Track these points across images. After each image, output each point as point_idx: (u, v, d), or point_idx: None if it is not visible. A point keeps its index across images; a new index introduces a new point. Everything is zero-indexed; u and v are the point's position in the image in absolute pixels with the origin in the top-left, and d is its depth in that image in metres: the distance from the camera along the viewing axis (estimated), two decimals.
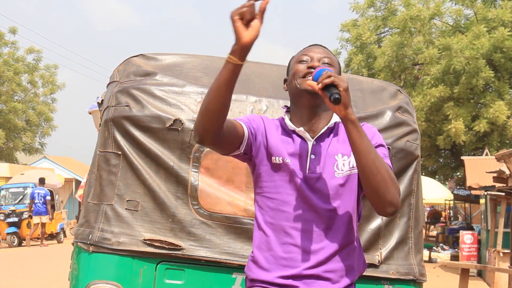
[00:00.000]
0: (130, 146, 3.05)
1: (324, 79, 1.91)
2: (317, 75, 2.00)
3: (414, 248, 3.15)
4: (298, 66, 2.16)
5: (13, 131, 29.91)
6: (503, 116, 16.73)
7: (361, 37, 20.34)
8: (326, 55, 2.18)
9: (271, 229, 2.09)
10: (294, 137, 2.13)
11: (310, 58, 2.16)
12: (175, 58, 3.34)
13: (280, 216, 2.08)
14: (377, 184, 1.96)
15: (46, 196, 18.20)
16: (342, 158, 2.10)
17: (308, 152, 2.10)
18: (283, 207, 2.08)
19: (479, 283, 12.89)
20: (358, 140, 1.95)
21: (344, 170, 2.09)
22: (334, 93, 1.90)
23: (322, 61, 2.15)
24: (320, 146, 2.12)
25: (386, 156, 2.11)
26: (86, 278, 2.95)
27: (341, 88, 1.91)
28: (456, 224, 21.42)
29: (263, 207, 2.13)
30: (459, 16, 19.25)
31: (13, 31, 30.45)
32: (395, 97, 3.36)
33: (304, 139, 2.12)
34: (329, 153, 2.11)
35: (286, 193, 2.08)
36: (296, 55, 2.25)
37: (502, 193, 11.79)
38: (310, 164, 2.09)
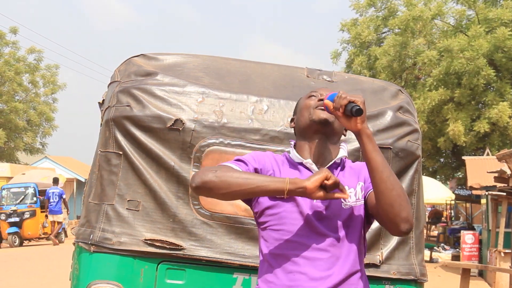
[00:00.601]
0: (131, 146, 3.06)
1: (341, 101, 1.95)
2: (331, 97, 2.04)
3: (415, 248, 3.15)
4: (308, 101, 2.19)
5: (14, 131, 29.93)
6: (506, 117, 16.72)
7: (360, 36, 20.33)
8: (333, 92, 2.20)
9: (277, 260, 2.06)
10: (301, 169, 2.13)
11: (320, 94, 2.19)
12: (176, 58, 3.34)
13: (286, 245, 2.05)
14: (392, 200, 1.95)
15: (62, 194, 18.42)
16: (348, 190, 2.09)
17: None
18: (289, 236, 2.06)
19: (480, 283, 12.88)
20: (374, 154, 1.96)
21: (351, 201, 2.10)
22: (354, 105, 1.94)
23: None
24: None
25: None
26: (87, 278, 2.95)
27: (358, 102, 1.94)
28: (457, 224, 21.40)
29: (267, 240, 2.11)
30: (461, 17, 19.24)
31: (14, 31, 30.48)
32: (396, 97, 3.36)
33: (311, 171, 2.11)
34: None
35: (291, 223, 2.06)
36: (303, 96, 2.29)
37: (503, 193, 11.77)
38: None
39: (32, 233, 19.31)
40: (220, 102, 3.10)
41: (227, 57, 3.50)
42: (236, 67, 3.40)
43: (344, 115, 1.96)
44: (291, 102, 3.15)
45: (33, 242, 20.38)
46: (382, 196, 1.97)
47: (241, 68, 3.39)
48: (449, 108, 17.70)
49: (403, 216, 1.96)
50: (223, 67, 3.37)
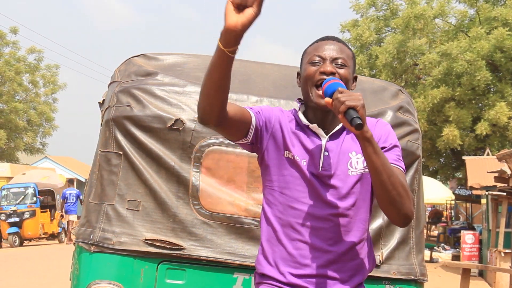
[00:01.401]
0: (131, 146, 3.05)
1: (339, 108, 1.85)
2: (328, 91, 1.95)
3: (415, 248, 3.15)
4: (310, 68, 2.08)
5: (14, 131, 29.94)
6: (505, 118, 16.72)
7: (361, 37, 20.32)
8: (339, 53, 2.09)
9: (280, 224, 2.05)
10: (307, 132, 2.08)
11: (322, 59, 2.08)
12: (176, 58, 3.34)
13: (290, 212, 2.03)
14: (392, 200, 1.94)
15: (79, 195, 18.62)
16: (356, 156, 2.06)
17: (321, 149, 2.05)
18: (293, 203, 2.03)
19: (480, 283, 12.88)
20: (373, 157, 1.90)
21: (358, 169, 2.05)
22: (355, 117, 1.85)
23: (336, 63, 2.07)
24: (334, 143, 2.07)
25: (400, 158, 2.07)
26: (88, 278, 2.95)
27: (358, 108, 1.85)
28: (457, 224, 21.41)
29: (271, 201, 2.08)
30: (464, 17, 19.23)
31: (14, 31, 30.50)
32: (396, 97, 3.36)
33: (317, 136, 2.08)
34: (343, 150, 2.06)
35: (296, 189, 2.03)
36: (308, 49, 2.16)
37: (503, 193, 11.77)
38: (323, 162, 2.04)
39: (32, 233, 19.32)
40: None
41: None
42: (236, 67, 3.38)
43: (343, 117, 1.87)
44: (291, 102, 3.15)
45: (33, 242, 20.38)
46: (382, 196, 1.95)
47: (241, 68, 3.39)
48: (451, 106, 17.69)
49: (402, 213, 1.96)
50: None
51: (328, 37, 2.16)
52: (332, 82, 1.98)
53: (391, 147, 2.08)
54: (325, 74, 2.04)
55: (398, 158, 2.06)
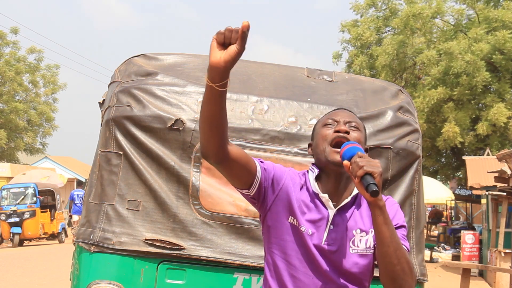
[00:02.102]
0: (131, 146, 3.05)
1: (357, 172, 1.82)
2: (347, 154, 1.91)
3: (416, 248, 3.15)
4: (324, 130, 2.07)
5: (14, 131, 29.94)
6: (503, 118, 16.72)
7: (361, 37, 20.33)
8: (352, 118, 2.10)
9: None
10: (316, 201, 2.04)
11: (336, 122, 2.07)
12: (176, 58, 3.34)
13: (289, 279, 2.01)
14: (395, 275, 1.90)
15: None
16: (360, 234, 2.03)
17: (328, 222, 2.01)
18: (293, 271, 2.01)
19: (480, 283, 12.88)
20: (383, 228, 1.86)
21: (360, 248, 2.02)
22: (371, 184, 1.81)
23: (349, 125, 2.07)
24: (341, 217, 2.03)
25: (405, 238, 2.04)
26: (88, 277, 2.95)
27: (375, 175, 1.81)
28: (457, 224, 21.42)
29: (271, 264, 2.05)
30: (461, 16, 19.24)
31: (14, 31, 30.50)
32: (396, 97, 3.36)
33: (325, 206, 2.03)
34: (348, 227, 2.02)
35: (297, 258, 2.00)
36: (321, 118, 2.17)
37: (503, 193, 11.77)
38: (327, 235, 2.00)
39: (33, 233, 19.32)
40: None
41: None
42: (236, 67, 3.37)
43: (359, 181, 1.83)
44: (292, 102, 3.15)
45: (33, 242, 20.39)
46: (385, 270, 1.92)
47: (241, 68, 3.39)
48: (449, 107, 17.70)
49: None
50: None
51: (339, 108, 2.20)
52: (351, 146, 1.93)
53: (398, 226, 2.03)
54: (339, 132, 2.02)
55: (403, 237, 2.03)
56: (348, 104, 3.18)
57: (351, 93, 3.32)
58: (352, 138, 2.02)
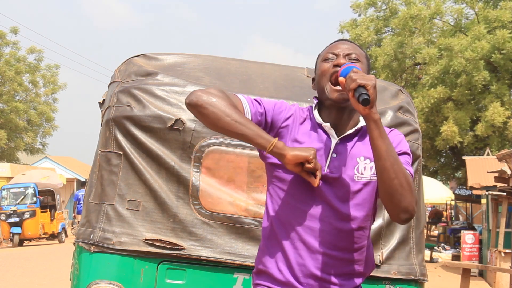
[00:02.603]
0: (131, 146, 3.05)
1: (350, 85, 1.86)
2: (344, 73, 1.95)
3: (416, 248, 3.15)
4: (324, 65, 2.08)
5: (14, 131, 29.94)
6: (500, 118, 16.72)
7: (360, 37, 20.34)
8: (352, 50, 2.10)
9: (280, 222, 2.03)
10: (319, 132, 2.06)
11: (336, 56, 2.08)
12: (176, 58, 3.34)
13: (292, 211, 2.01)
14: (393, 189, 1.90)
15: None
16: (364, 161, 2.03)
17: (330, 150, 2.03)
18: (294, 202, 2.01)
19: (480, 283, 12.89)
20: (378, 140, 1.88)
21: (364, 175, 2.02)
22: (363, 93, 1.85)
23: (349, 57, 2.07)
24: (344, 146, 2.04)
25: (409, 163, 2.04)
26: (88, 278, 2.95)
27: (369, 87, 1.85)
28: (457, 224, 21.42)
29: (274, 197, 2.06)
30: (460, 16, 19.25)
31: (14, 31, 30.49)
32: (396, 97, 3.36)
33: (328, 136, 2.05)
34: (352, 154, 2.04)
35: (299, 188, 2.01)
36: (321, 52, 2.16)
37: (503, 193, 11.77)
38: (330, 163, 2.01)
39: (33, 233, 19.31)
40: None
41: (227, 57, 3.50)
42: (237, 67, 3.40)
43: (352, 95, 1.87)
44: (291, 102, 3.15)
45: (33, 242, 20.38)
46: (383, 184, 1.91)
47: (242, 68, 3.39)
48: (449, 107, 17.70)
49: (402, 206, 1.91)
50: (224, 67, 3.37)
51: (341, 39, 2.19)
52: (348, 65, 1.98)
53: (401, 153, 2.04)
54: (338, 66, 2.03)
55: (406, 163, 2.03)
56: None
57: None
58: None
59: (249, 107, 2.02)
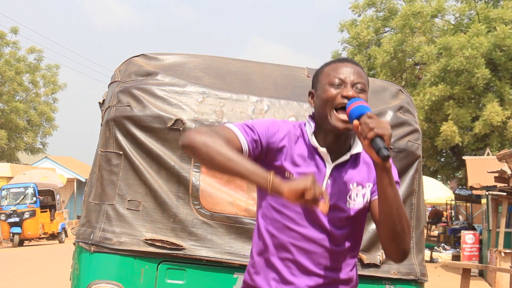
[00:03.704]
0: (131, 146, 3.05)
1: (367, 134, 1.82)
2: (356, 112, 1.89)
3: (416, 248, 3.15)
4: (330, 91, 2.01)
5: (14, 131, 29.95)
6: (498, 117, 16.71)
7: (359, 36, 20.34)
8: (359, 78, 2.04)
9: (273, 242, 2.04)
10: (314, 155, 2.04)
11: (343, 83, 2.02)
12: (176, 58, 3.34)
13: (285, 231, 2.02)
14: (395, 234, 1.94)
15: None
16: (356, 187, 2.05)
17: (325, 176, 2.03)
18: (289, 223, 2.02)
19: (480, 283, 12.89)
20: (388, 189, 1.89)
21: (357, 202, 2.05)
22: (383, 148, 1.80)
23: (356, 87, 2.01)
24: (338, 172, 2.04)
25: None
26: (88, 278, 2.95)
27: (385, 137, 1.81)
28: (457, 224, 21.42)
29: (267, 216, 2.07)
30: (462, 15, 19.25)
31: (14, 31, 30.51)
32: (396, 97, 3.36)
33: (323, 161, 2.03)
34: (345, 181, 2.04)
35: (294, 210, 2.01)
36: (325, 68, 2.10)
37: (503, 193, 11.78)
38: (325, 189, 2.01)
39: (33, 233, 19.32)
40: (221, 102, 3.10)
41: (227, 57, 3.50)
42: (237, 67, 3.40)
43: (368, 143, 1.83)
44: (292, 102, 3.15)
45: (33, 242, 20.38)
46: (386, 228, 1.95)
47: (242, 68, 3.39)
48: (450, 105, 17.69)
49: (401, 249, 1.98)
50: (224, 67, 3.37)
51: (347, 60, 2.12)
52: (359, 104, 1.91)
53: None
54: (347, 98, 1.99)
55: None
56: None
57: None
58: None
59: (243, 136, 1.98)
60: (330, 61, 2.14)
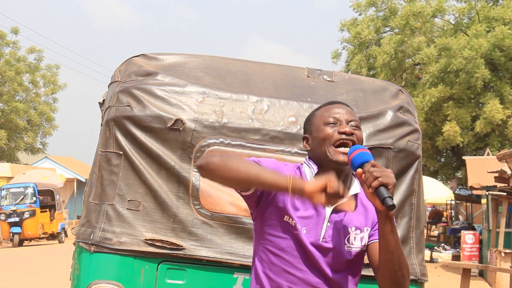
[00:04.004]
0: (131, 146, 3.05)
1: (372, 183, 1.82)
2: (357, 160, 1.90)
3: (416, 248, 3.15)
4: (327, 130, 2.04)
5: (14, 131, 29.95)
6: (499, 115, 16.71)
7: (360, 35, 20.34)
8: (352, 116, 2.09)
9: (271, 285, 2.04)
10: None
11: (338, 121, 2.06)
12: (176, 58, 3.34)
13: (283, 275, 2.02)
14: (395, 280, 1.96)
15: None
16: (355, 231, 2.05)
17: (325, 220, 2.03)
18: (288, 267, 2.02)
19: (480, 283, 12.89)
20: (390, 236, 1.90)
21: (354, 245, 2.05)
22: (388, 197, 1.80)
23: (351, 125, 2.06)
24: (337, 215, 2.05)
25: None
26: (88, 277, 2.95)
27: (390, 187, 1.82)
28: (457, 224, 21.41)
29: (264, 260, 2.07)
30: (462, 15, 19.26)
31: (14, 31, 30.51)
32: (396, 97, 3.36)
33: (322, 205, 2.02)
34: (344, 224, 2.05)
35: (292, 254, 2.02)
36: (316, 112, 2.14)
37: (503, 193, 11.77)
38: (325, 233, 2.03)
39: (32, 233, 19.30)
40: (221, 102, 3.10)
41: (227, 57, 3.50)
42: (237, 67, 3.40)
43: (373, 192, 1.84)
44: (292, 102, 3.15)
45: (33, 242, 20.36)
46: (387, 274, 1.97)
47: (242, 68, 3.39)
48: (449, 105, 17.69)
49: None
50: (224, 67, 3.37)
51: (337, 102, 2.17)
52: (361, 151, 1.92)
53: None
54: (344, 134, 2.01)
55: None
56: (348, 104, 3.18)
57: (351, 93, 3.32)
58: (355, 139, 2.02)
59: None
60: (320, 105, 2.18)
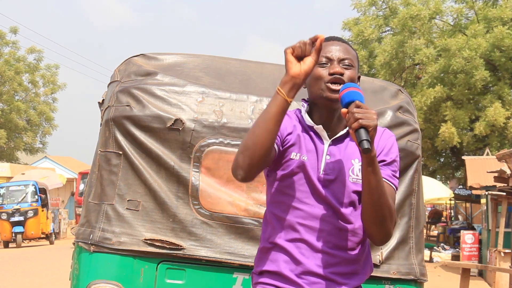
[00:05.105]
0: (131, 146, 3.05)
1: (352, 124, 1.85)
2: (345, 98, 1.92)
3: (415, 248, 3.15)
4: (318, 70, 2.05)
5: (14, 130, 29.96)
6: (501, 119, 16.72)
7: (362, 34, 20.35)
8: (345, 54, 2.08)
9: (281, 224, 2.05)
10: (311, 134, 2.07)
11: (330, 60, 2.07)
12: (176, 58, 3.34)
13: (292, 212, 2.04)
14: (375, 219, 1.98)
15: None
16: (358, 163, 2.05)
17: (323, 152, 2.05)
18: (296, 203, 2.04)
19: (480, 283, 12.90)
20: (371, 177, 1.91)
21: (359, 177, 2.03)
22: (364, 140, 1.83)
23: (343, 63, 2.06)
24: (337, 147, 2.06)
25: (395, 174, 2.08)
26: (87, 277, 2.95)
27: (370, 129, 1.84)
28: (457, 224, 21.43)
29: (274, 201, 2.09)
30: (460, 15, 19.27)
31: (14, 31, 30.52)
32: (396, 97, 3.36)
33: (320, 138, 2.07)
34: (346, 156, 2.06)
35: (299, 189, 2.03)
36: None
37: (503, 193, 11.78)
38: (325, 166, 2.04)
39: (35, 233, 18.98)
40: (220, 102, 3.10)
41: (227, 57, 3.50)
42: (236, 67, 3.40)
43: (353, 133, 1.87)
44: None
45: (33, 242, 20.25)
46: (368, 214, 1.98)
47: (241, 68, 3.39)
48: (448, 106, 17.70)
49: (382, 234, 2.01)
50: (223, 67, 3.37)
51: (332, 38, 2.15)
52: (351, 90, 1.94)
53: (391, 161, 2.07)
54: (334, 74, 2.04)
55: (393, 174, 2.07)
56: None
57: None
58: (346, 77, 2.04)
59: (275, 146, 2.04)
60: None
